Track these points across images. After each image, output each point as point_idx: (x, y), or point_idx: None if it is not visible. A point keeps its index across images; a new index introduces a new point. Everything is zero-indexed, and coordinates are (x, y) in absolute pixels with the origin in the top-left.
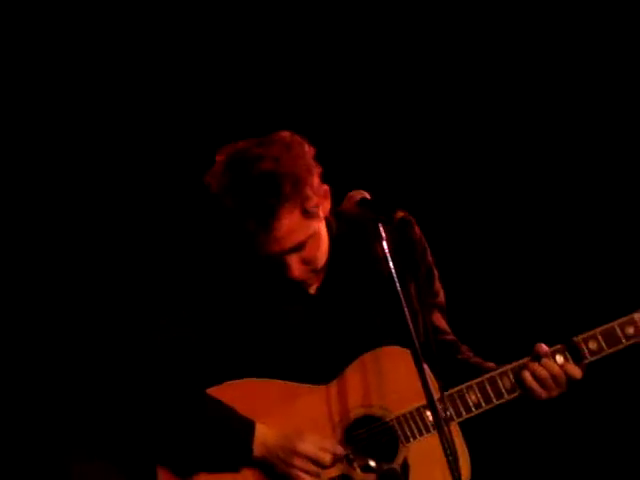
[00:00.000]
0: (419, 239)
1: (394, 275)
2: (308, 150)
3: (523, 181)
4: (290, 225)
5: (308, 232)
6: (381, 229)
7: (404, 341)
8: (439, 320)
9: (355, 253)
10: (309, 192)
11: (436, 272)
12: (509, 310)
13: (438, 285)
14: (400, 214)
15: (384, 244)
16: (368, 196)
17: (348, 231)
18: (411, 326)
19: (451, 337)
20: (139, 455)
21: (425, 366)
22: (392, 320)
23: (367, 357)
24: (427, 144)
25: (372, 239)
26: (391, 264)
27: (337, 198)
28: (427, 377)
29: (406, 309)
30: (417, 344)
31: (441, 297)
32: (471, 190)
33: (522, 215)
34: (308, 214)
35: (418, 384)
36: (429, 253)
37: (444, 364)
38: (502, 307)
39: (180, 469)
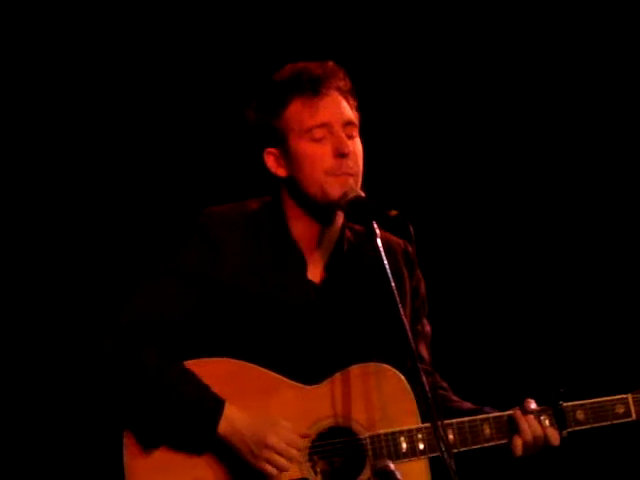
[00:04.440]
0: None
1: (388, 272)
2: None
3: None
4: (348, 104)
5: (357, 127)
6: (375, 227)
7: (399, 348)
8: (422, 349)
9: (354, 252)
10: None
11: (427, 306)
12: (498, 353)
13: (425, 320)
14: (394, 212)
15: (378, 242)
16: (362, 194)
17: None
18: (407, 326)
19: (430, 369)
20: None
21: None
22: (389, 325)
23: (360, 369)
24: (415, 155)
25: (367, 237)
26: (385, 262)
27: None
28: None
29: (400, 307)
30: (413, 346)
31: (428, 329)
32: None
33: (523, 247)
34: (357, 118)
35: (401, 409)
36: (423, 285)
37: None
38: (494, 350)
39: (146, 439)
